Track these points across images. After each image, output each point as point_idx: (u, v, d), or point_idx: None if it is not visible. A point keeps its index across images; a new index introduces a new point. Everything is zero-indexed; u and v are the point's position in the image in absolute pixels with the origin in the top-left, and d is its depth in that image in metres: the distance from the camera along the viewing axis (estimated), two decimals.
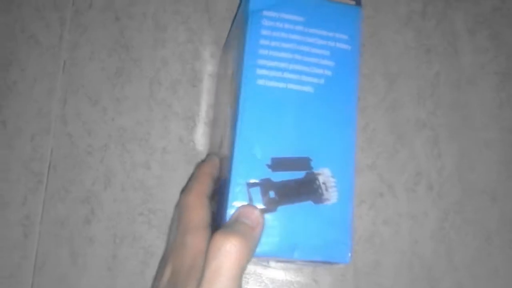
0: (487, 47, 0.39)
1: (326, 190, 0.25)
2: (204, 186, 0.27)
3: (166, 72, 0.37)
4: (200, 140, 0.36)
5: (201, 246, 0.24)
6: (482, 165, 0.36)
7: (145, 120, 0.36)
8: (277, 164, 0.24)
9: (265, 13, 0.26)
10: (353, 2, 0.28)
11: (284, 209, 0.24)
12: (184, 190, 0.27)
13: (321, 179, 0.25)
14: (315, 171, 0.25)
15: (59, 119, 0.36)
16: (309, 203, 0.24)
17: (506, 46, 0.39)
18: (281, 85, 0.25)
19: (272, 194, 0.24)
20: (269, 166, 0.24)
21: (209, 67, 0.37)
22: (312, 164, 0.25)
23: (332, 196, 0.25)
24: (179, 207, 0.27)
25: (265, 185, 0.24)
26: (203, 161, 0.30)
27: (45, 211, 0.34)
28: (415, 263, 0.34)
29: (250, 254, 0.22)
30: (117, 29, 0.38)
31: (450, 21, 0.39)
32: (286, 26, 0.26)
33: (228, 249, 0.21)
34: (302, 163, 0.25)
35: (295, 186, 0.24)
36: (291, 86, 0.25)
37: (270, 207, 0.24)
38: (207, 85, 0.37)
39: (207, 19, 0.38)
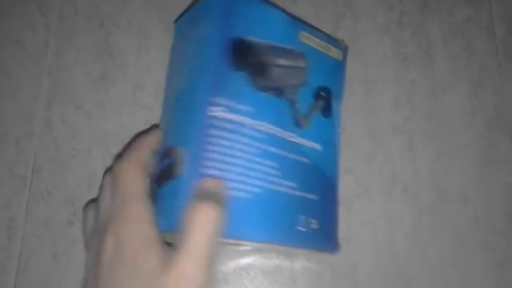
0: (460, 55, 0.40)
1: None
2: (142, 155, 0.27)
3: (150, 78, 0.38)
4: None
5: (146, 216, 0.24)
6: (455, 169, 0.38)
7: (128, 124, 0.37)
8: None
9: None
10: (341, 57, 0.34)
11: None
12: (120, 158, 0.27)
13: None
14: None
15: (44, 123, 0.37)
16: None
17: (478, 55, 0.40)
18: None
19: None
20: None
21: None
22: None
23: None
24: (115, 174, 0.26)
25: None
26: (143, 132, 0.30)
27: (28, 213, 0.35)
28: (391, 263, 0.35)
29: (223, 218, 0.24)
30: (102, 35, 0.39)
31: (425, 31, 0.41)
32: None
33: (210, 217, 0.23)
34: None
35: None
36: None
37: None
38: None
39: None
